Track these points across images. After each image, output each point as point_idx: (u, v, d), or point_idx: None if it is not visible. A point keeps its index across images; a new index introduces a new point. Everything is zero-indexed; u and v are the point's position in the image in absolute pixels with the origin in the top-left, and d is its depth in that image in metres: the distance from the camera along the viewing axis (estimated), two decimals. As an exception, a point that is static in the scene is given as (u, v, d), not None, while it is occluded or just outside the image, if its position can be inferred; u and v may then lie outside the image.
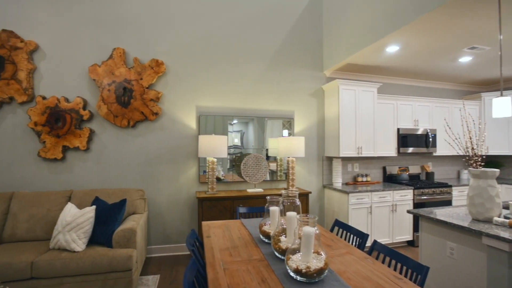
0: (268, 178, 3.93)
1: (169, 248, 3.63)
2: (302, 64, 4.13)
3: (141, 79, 3.44)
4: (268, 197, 1.88)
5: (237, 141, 3.86)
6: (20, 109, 3.26)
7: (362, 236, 2.03)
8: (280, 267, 1.48)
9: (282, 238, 1.64)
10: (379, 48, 3.25)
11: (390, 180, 4.43)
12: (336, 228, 3.64)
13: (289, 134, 4.05)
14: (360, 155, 3.94)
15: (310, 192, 3.69)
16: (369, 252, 1.83)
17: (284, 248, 1.56)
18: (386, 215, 3.80)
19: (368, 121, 3.99)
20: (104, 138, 3.45)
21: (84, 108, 3.36)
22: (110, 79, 3.38)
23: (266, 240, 1.89)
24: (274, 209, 1.86)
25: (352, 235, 2.22)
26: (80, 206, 3.01)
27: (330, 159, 4.26)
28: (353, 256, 1.65)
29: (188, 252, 3.67)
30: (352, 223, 3.63)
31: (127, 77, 3.41)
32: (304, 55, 4.14)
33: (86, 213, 2.63)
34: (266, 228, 1.90)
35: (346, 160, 4.31)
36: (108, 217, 2.70)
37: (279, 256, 1.59)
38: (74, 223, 2.57)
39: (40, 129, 3.23)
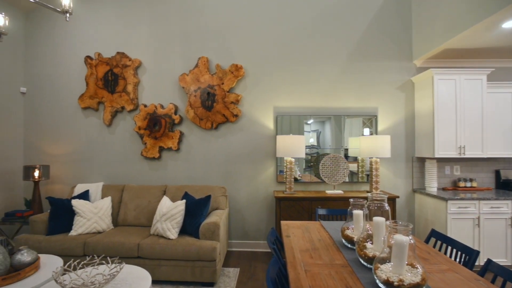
0: (347, 179, 3.69)
1: (247, 244, 3.78)
2: (386, 55, 3.75)
3: (222, 83, 3.69)
4: (351, 200, 1.75)
5: (312, 140, 3.76)
6: (128, 116, 3.91)
7: (470, 253, 1.70)
8: (366, 275, 1.36)
9: (368, 244, 1.50)
10: (491, 25, 2.68)
11: (507, 187, 3.60)
12: (432, 240, 3.16)
13: (371, 133, 3.72)
14: (462, 156, 3.33)
15: (398, 197, 3.31)
16: (481, 273, 1.52)
17: (370, 255, 1.42)
18: (501, 230, 3.11)
19: (473, 115, 3.34)
20: (191, 139, 3.83)
21: (175, 113, 3.80)
22: (196, 86, 3.73)
23: (349, 245, 1.76)
24: (358, 213, 1.73)
25: (454, 250, 1.88)
26: (173, 199, 3.41)
27: (422, 160, 3.74)
28: (457, 274, 1.39)
29: (266, 250, 3.75)
30: (451, 235, 3.10)
31: (210, 82, 3.71)
32: (389, 45, 3.75)
33: (178, 206, 2.95)
34: (349, 232, 1.77)
35: (443, 161, 3.71)
36: (196, 210, 2.98)
37: (365, 263, 1.46)
38: (169, 214, 2.92)
39: (143, 132, 3.79)
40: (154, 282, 2.86)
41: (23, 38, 4.07)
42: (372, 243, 1.50)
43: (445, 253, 1.89)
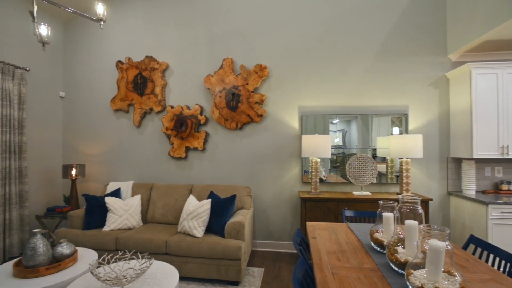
0: (375, 180, 3.56)
1: (271, 244, 3.76)
2: (418, 50, 3.56)
3: (247, 84, 3.71)
4: (380, 202, 1.68)
5: (338, 140, 3.66)
6: (156, 117, 4.05)
7: (515, 261, 1.56)
8: (397, 281, 1.30)
9: (400, 249, 1.43)
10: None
11: (556, 191, 3.28)
12: (471, 246, 2.95)
13: (400, 132, 3.55)
14: (505, 157, 3.08)
15: (431, 199, 3.13)
16: (528, 283, 1.39)
17: (402, 260, 1.35)
18: (551, 237, 2.83)
19: (517, 112, 3.08)
20: (216, 139, 3.89)
21: (201, 113, 3.87)
22: (221, 87, 3.78)
23: (378, 249, 1.69)
24: (388, 216, 1.65)
25: (497, 258, 1.74)
26: (199, 198, 3.48)
27: (458, 161, 3.51)
28: (502, 286, 1.28)
29: (290, 251, 3.71)
30: (493, 242, 2.87)
31: (235, 83, 3.74)
32: (421, 39, 3.56)
33: (204, 205, 3.01)
34: (378, 235, 1.70)
35: (482, 162, 3.46)
36: (221, 210, 3.02)
37: (396, 268, 1.39)
38: (195, 213, 2.99)
39: (170, 133, 3.91)
40: (181, 278, 2.94)
41: (62, 46, 4.36)
42: (403, 248, 1.42)
43: (486, 261, 1.75)
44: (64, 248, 2.26)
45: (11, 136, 3.48)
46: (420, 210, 1.44)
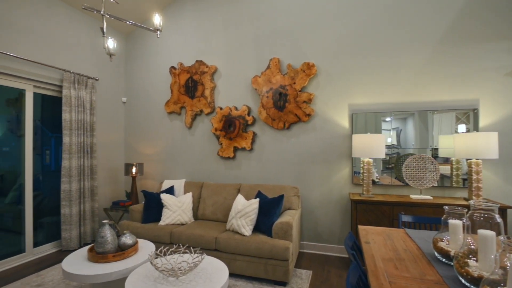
0: (436, 183, 3.22)
1: (319, 247, 3.65)
2: (490, 35, 3.13)
3: (294, 83, 3.66)
4: (446, 207, 1.51)
5: (390, 140, 3.40)
6: (206, 118, 4.23)
7: None
8: (470, 298, 1.14)
9: (471, 262, 1.26)
10: None
11: None
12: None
13: (467, 130, 3.16)
14: None
15: (510, 207, 2.72)
16: None
17: (475, 275, 1.19)
18: None
19: None
20: (263, 140, 3.91)
21: (249, 114, 3.94)
22: (268, 87, 3.79)
23: (444, 260, 1.52)
24: (456, 223, 1.47)
25: None
26: (247, 197, 3.54)
27: (543, 163, 2.99)
28: None
29: (340, 255, 3.56)
30: None
31: (282, 83, 3.72)
32: (494, 23, 3.11)
33: (252, 204, 3.05)
34: (443, 244, 1.53)
35: None
36: (269, 209, 3.03)
37: (467, 283, 1.23)
38: (243, 212, 3.04)
39: (219, 133, 4.06)
40: (229, 275, 3.02)
41: (124, 56, 4.82)
42: (476, 261, 1.26)
43: None
44: (127, 239, 2.48)
45: (84, 138, 3.95)
46: (499, 219, 1.25)
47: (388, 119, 3.42)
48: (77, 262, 2.31)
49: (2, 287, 2.79)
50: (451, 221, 1.50)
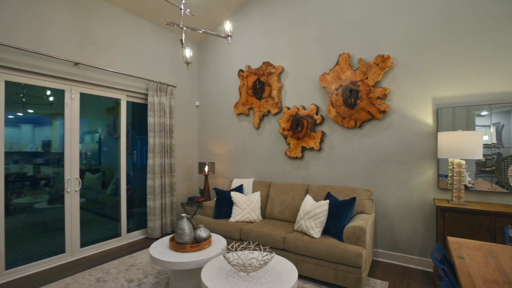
0: (559, 192, 2.58)
1: (396, 257, 3.31)
2: None
3: (366, 78, 3.41)
4: None
5: (487, 138, 2.86)
6: (274, 119, 4.27)
7: None
8: None
9: None
10: None
11: None
12: None
13: None
14: None
15: None
16: None
17: None
18: None
19: None
20: (333, 139, 3.75)
21: (317, 113, 3.83)
22: (337, 84, 3.62)
23: None
24: None
25: None
26: (315, 198, 3.44)
27: None
28: None
29: (421, 268, 3.16)
30: None
31: (352, 79, 3.51)
32: None
33: (322, 206, 2.94)
34: None
35: None
36: (339, 212, 2.88)
37: None
38: (312, 213, 2.96)
39: (286, 133, 4.05)
40: (298, 276, 2.97)
41: (196, 63, 5.23)
42: None
43: None
44: (202, 232, 2.66)
45: (165, 139, 4.41)
46: None
47: (484, 113, 2.90)
48: (161, 249, 2.58)
49: (106, 263, 3.33)
50: None
